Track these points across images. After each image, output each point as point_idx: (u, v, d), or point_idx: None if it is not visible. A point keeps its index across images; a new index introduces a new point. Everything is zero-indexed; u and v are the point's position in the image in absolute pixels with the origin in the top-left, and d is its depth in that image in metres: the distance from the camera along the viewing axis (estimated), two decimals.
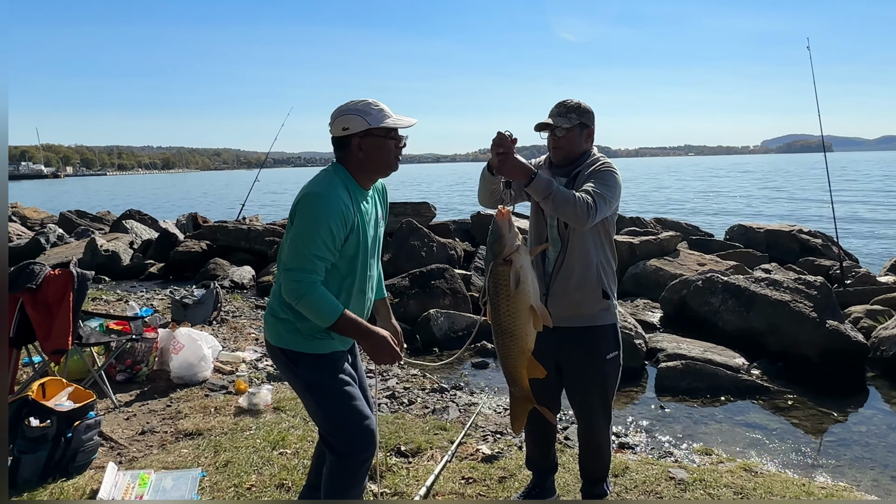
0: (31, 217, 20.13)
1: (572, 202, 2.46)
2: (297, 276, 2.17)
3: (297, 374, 2.35)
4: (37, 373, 4.45)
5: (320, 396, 2.34)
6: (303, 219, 2.19)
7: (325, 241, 2.16)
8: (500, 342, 2.35)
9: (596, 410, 2.80)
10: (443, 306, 7.22)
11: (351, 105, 2.28)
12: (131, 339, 4.79)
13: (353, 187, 2.29)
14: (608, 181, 2.62)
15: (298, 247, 2.17)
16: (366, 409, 2.39)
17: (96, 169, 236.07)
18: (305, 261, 2.16)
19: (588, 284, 2.69)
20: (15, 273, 4.23)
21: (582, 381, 2.78)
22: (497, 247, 2.27)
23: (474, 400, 5.03)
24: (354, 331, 2.26)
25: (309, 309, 2.18)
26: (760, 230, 11.37)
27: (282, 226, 12.40)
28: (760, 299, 6.32)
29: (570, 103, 2.74)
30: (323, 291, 2.19)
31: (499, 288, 2.28)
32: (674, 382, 5.43)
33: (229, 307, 7.88)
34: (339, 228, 2.18)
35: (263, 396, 4.42)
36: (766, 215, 22.88)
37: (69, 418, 3.34)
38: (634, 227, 11.58)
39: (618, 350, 2.79)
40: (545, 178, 2.46)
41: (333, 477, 2.38)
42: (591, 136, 2.79)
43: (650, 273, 8.58)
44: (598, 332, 2.74)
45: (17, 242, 13.89)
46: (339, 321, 2.19)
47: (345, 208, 2.20)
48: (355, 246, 2.28)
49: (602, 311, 2.74)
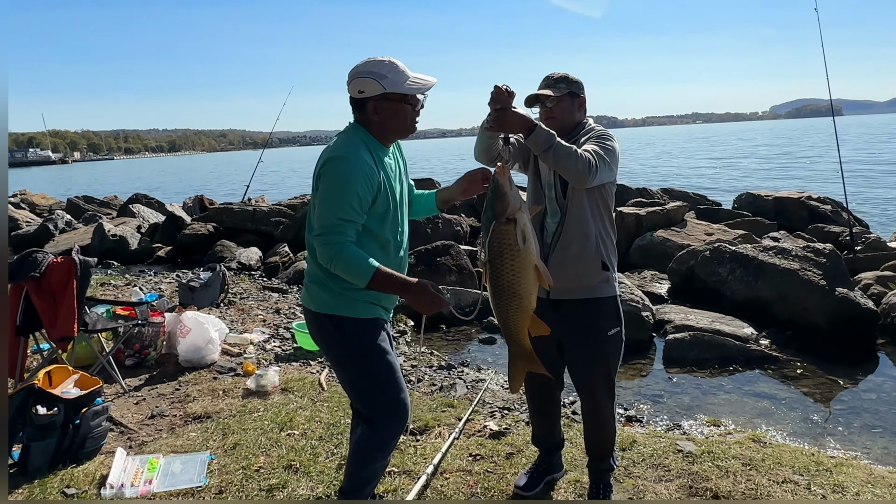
0: (40, 203, 20.23)
1: (574, 156, 2.40)
2: (328, 238, 2.16)
3: (341, 341, 2.32)
4: (45, 360, 4.48)
5: (364, 364, 2.33)
6: (328, 183, 2.18)
7: (353, 203, 2.15)
8: (503, 303, 2.27)
9: (599, 387, 2.77)
10: (449, 283, 7.21)
11: (368, 66, 2.23)
12: (137, 325, 4.81)
13: (374, 146, 2.28)
14: (608, 146, 2.57)
15: (326, 211, 2.17)
16: (403, 383, 2.40)
17: (103, 153, 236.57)
18: (334, 224, 2.15)
19: (587, 255, 2.65)
20: (18, 262, 4.23)
21: (584, 358, 2.76)
22: (500, 205, 2.19)
23: (482, 376, 5.04)
24: (392, 285, 2.22)
25: (343, 269, 2.17)
26: (769, 198, 11.24)
27: (288, 206, 12.38)
28: (769, 268, 6.26)
29: (557, 74, 2.70)
30: (355, 250, 2.17)
31: (503, 247, 2.21)
32: (681, 354, 5.41)
33: (237, 289, 7.90)
34: (365, 190, 2.17)
35: (271, 378, 4.44)
36: (775, 182, 22.64)
37: (76, 405, 3.35)
38: (641, 198, 11.47)
39: (619, 326, 2.75)
40: (546, 131, 2.39)
41: (363, 447, 2.39)
42: (582, 106, 2.74)
43: (657, 244, 8.52)
44: (599, 305, 2.70)
45: (26, 229, 13.98)
46: (374, 277, 2.16)
47: (369, 169, 2.18)
48: (385, 203, 2.26)
49: (602, 282, 2.70)
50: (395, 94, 2.24)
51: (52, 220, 13.91)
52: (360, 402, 2.41)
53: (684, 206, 9.74)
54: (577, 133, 2.69)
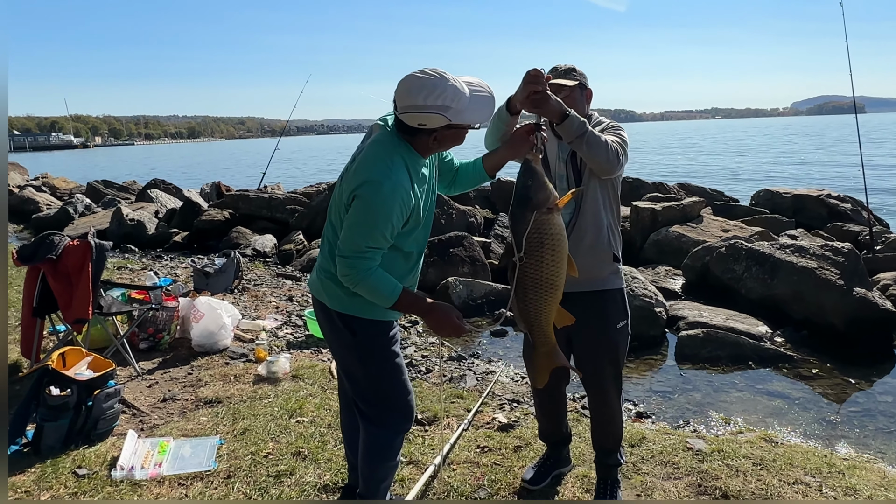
0: (60, 187, 20.50)
1: (605, 145, 2.39)
2: (354, 263, 2.09)
3: (354, 340, 2.29)
4: (60, 342, 4.54)
5: (374, 365, 2.32)
6: (363, 208, 2.06)
7: (385, 233, 2.08)
8: (538, 297, 2.19)
9: (608, 381, 2.76)
10: (462, 274, 7.20)
11: (429, 100, 2.02)
12: (152, 308, 4.85)
13: (413, 160, 2.17)
14: (624, 137, 2.56)
15: (357, 237, 2.07)
16: (409, 385, 2.40)
17: (124, 139, 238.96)
18: (362, 251, 2.08)
19: (600, 246, 2.64)
20: (36, 244, 4.29)
21: (593, 351, 2.74)
22: (542, 193, 2.13)
23: (492, 368, 5.03)
24: (416, 307, 2.20)
25: (367, 292, 2.13)
26: (787, 195, 11.08)
27: (304, 194, 12.41)
28: (785, 266, 6.18)
29: (564, 66, 2.67)
30: (380, 274, 2.11)
31: (544, 238, 2.13)
32: (694, 351, 5.36)
33: (251, 275, 7.95)
34: (399, 218, 2.10)
35: (282, 364, 4.46)
36: (794, 179, 22.33)
37: (89, 387, 3.40)
38: (657, 193, 11.37)
39: (626, 319, 2.75)
40: (579, 118, 2.35)
41: (370, 450, 2.39)
42: (590, 98, 2.71)
43: (672, 239, 8.44)
44: (609, 298, 2.70)
45: (46, 212, 14.17)
46: (399, 300, 2.14)
47: (406, 196, 2.09)
48: (416, 221, 2.20)
49: (612, 274, 2.70)
50: (462, 125, 2.14)
51: (72, 203, 14.08)
52: (363, 402, 2.39)
53: (701, 202, 9.63)
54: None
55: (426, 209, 2.25)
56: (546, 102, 2.25)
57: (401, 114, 2.10)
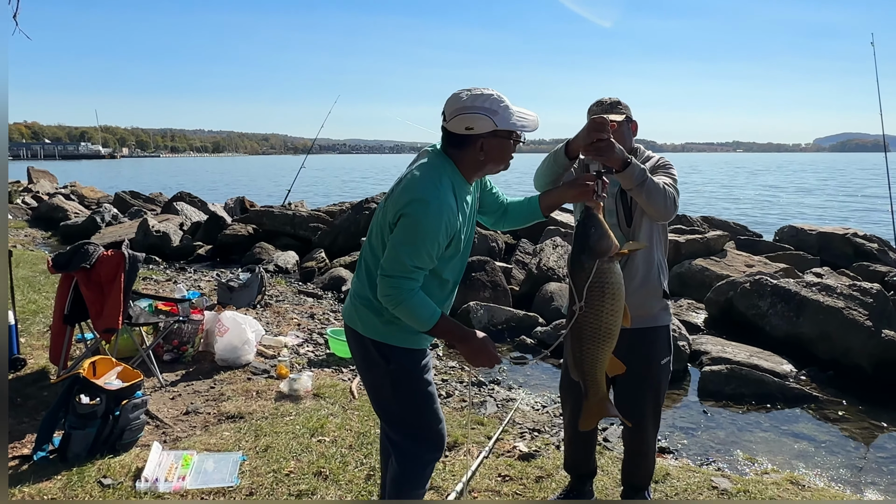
0: (89, 196, 20.90)
1: (663, 192, 2.41)
2: (397, 283, 2.08)
3: (388, 369, 2.26)
4: (88, 350, 4.60)
5: (406, 392, 2.29)
6: (410, 226, 2.07)
7: (430, 252, 2.08)
8: (596, 346, 2.19)
9: (647, 416, 2.74)
10: (483, 299, 7.19)
11: (477, 100, 2.10)
12: (178, 321, 4.91)
13: (459, 184, 2.18)
14: (675, 176, 2.58)
15: (403, 256, 2.07)
16: (441, 413, 2.36)
17: (150, 151, 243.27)
18: (407, 271, 2.08)
19: (651, 283, 2.64)
20: (71, 252, 4.37)
21: (636, 385, 2.71)
22: (606, 242, 2.13)
23: (512, 395, 5.00)
24: (452, 334, 2.19)
25: (406, 314, 2.11)
26: (812, 232, 10.96)
27: (327, 212, 12.52)
28: (811, 305, 6.10)
29: (611, 99, 2.68)
30: (421, 297, 2.11)
31: (605, 287, 2.14)
32: (718, 387, 5.30)
33: (273, 291, 8.01)
34: (444, 238, 2.10)
35: (304, 382, 4.48)
36: (819, 217, 22.09)
37: (118, 397, 3.44)
38: (680, 225, 11.31)
39: (670, 355, 2.75)
40: (639, 165, 2.38)
41: (399, 478, 2.36)
42: (636, 131, 2.74)
43: (696, 273, 8.37)
44: (657, 334, 2.69)
45: (74, 220, 14.43)
46: (437, 325, 2.12)
47: (452, 217, 2.10)
48: (456, 248, 2.20)
49: (662, 310, 2.70)
50: (505, 130, 2.14)
51: (100, 212, 14.32)
52: (395, 431, 2.36)
53: (725, 236, 9.56)
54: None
55: (466, 238, 2.25)
56: (611, 150, 2.27)
57: (449, 121, 2.14)
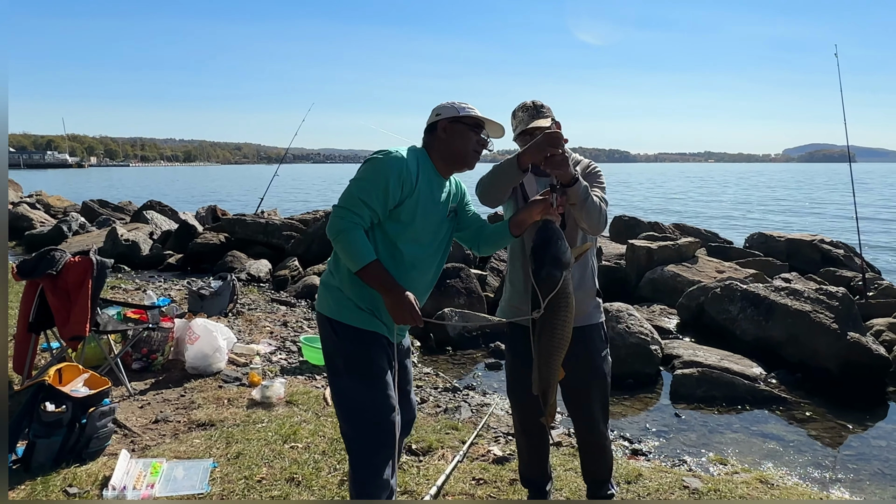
0: (55, 205, 20.44)
1: (599, 209, 2.51)
2: (343, 213, 2.23)
3: (337, 344, 2.35)
4: (54, 358, 4.50)
5: (354, 372, 2.32)
6: (366, 167, 2.30)
7: (378, 191, 2.23)
8: (557, 357, 2.24)
9: (597, 411, 2.79)
10: (457, 305, 7.20)
11: (453, 102, 2.43)
12: (147, 328, 4.82)
13: (427, 165, 2.37)
14: (604, 184, 2.69)
15: (352, 189, 2.27)
16: (393, 402, 2.34)
17: (120, 160, 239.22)
18: (354, 202, 2.23)
19: (586, 284, 2.73)
20: (36, 259, 4.28)
21: (582, 382, 2.75)
22: (568, 255, 2.20)
23: (487, 400, 5.01)
24: (380, 282, 2.23)
25: (344, 246, 2.21)
26: (781, 239, 11.20)
27: (300, 220, 12.44)
28: (780, 309, 6.22)
29: (536, 103, 2.69)
30: (362, 235, 2.23)
31: (568, 298, 2.22)
32: (689, 390, 5.36)
33: (245, 300, 7.92)
34: (395, 186, 2.24)
35: (276, 389, 4.43)
36: (787, 224, 22.58)
37: (84, 404, 3.36)
38: (653, 232, 11.46)
39: (607, 347, 2.82)
40: (584, 182, 2.43)
41: (355, 483, 2.35)
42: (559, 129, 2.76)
43: (668, 279, 8.49)
44: (593, 331, 2.76)
45: (40, 229, 14.11)
46: (368, 266, 2.20)
47: (407, 173, 2.27)
48: (411, 212, 2.30)
49: (594, 308, 2.79)
50: (468, 117, 2.39)
51: (67, 221, 14.04)
52: (345, 417, 2.37)
53: (696, 243, 9.72)
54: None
55: (428, 217, 2.35)
56: (566, 165, 2.31)
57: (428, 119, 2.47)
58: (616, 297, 7.30)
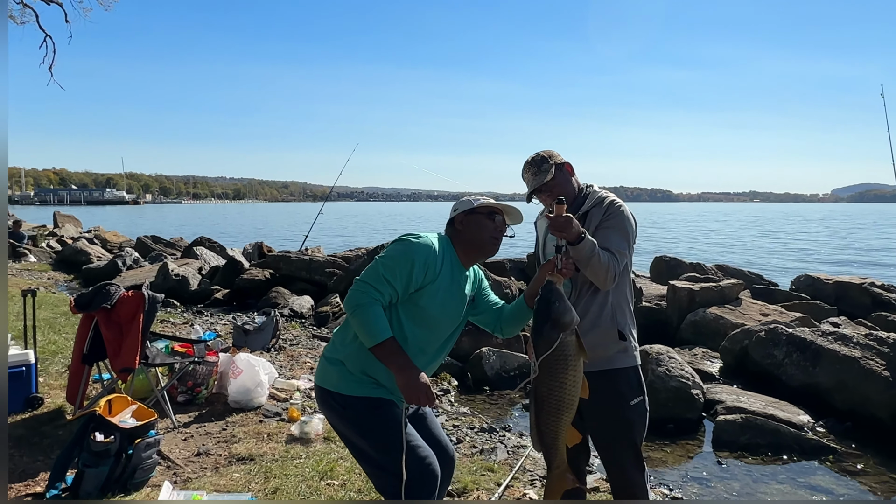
0: (111, 240, 21.36)
1: (605, 267, 2.52)
2: (364, 287, 2.27)
3: (346, 416, 2.36)
4: (105, 389, 4.68)
5: (371, 435, 2.33)
6: (394, 247, 2.38)
7: (402, 273, 2.29)
8: (557, 418, 2.23)
9: (627, 461, 2.68)
10: (495, 345, 7.19)
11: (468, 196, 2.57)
12: (194, 362, 4.98)
13: (451, 255, 2.46)
14: (625, 228, 2.65)
15: (378, 266, 2.32)
16: (423, 451, 2.36)
17: (173, 197, 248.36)
18: (377, 279, 2.28)
19: (602, 325, 2.64)
20: (92, 293, 4.50)
21: (607, 430, 2.69)
22: (569, 316, 2.20)
23: (523, 442, 4.97)
24: (394, 360, 2.24)
25: (362, 320, 2.23)
26: (829, 282, 10.86)
27: (343, 258, 12.67)
28: (828, 354, 6.04)
29: (535, 159, 2.75)
30: (380, 311, 2.25)
31: (568, 359, 2.20)
32: (732, 437, 5.22)
33: (287, 335, 8.08)
34: (419, 270, 2.31)
35: (315, 426, 4.50)
36: (836, 266, 21.87)
37: (131, 435, 3.49)
38: (695, 273, 11.28)
39: (642, 395, 2.70)
40: (591, 240, 2.47)
41: None
42: (572, 172, 2.79)
43: (710, 321, 8.33)
44: (618, 376, 2.65)
45: (96, 264, 14.71)
46: (384, 343, 2.22)
47: (432, 258, 2.34)
48: (429, 298, 2.35)
49: (619, 353, 2.66)
50: (482, 206, 2.50)
51: (122, 256, 14.60)
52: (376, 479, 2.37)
53: (739, 284, 9.52)
54: (583, 201, 2.74)
55: (446, 305, 2.40)
56: (568, 227, 2.40)
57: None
58: (656, 340, 7.19)
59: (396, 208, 37.57)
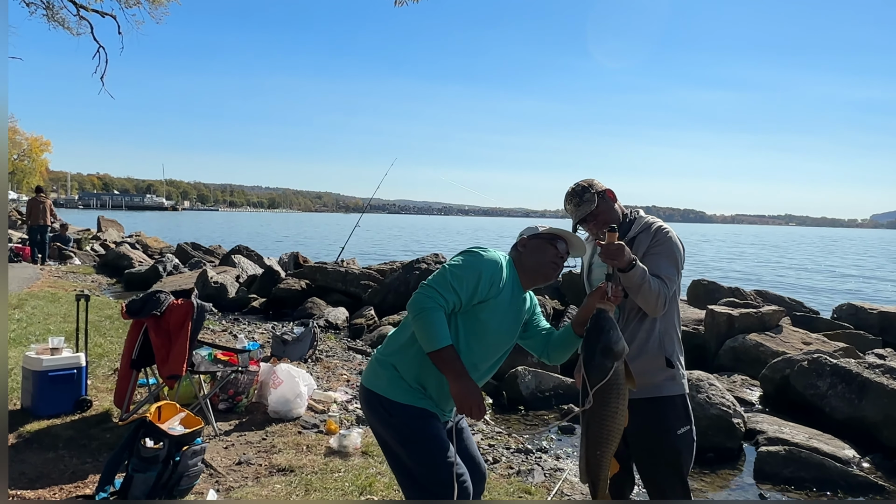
0: (152, 246, 21.88)
1: (656, 294, 2.52)
2: (430, 292, 2.30)
3: (391, 422, 2.38)
4: (151, 394, 4.79)
5: (414, 446, 2.35)
6: (464, 256, 2.44)
7: (469, 282, 2.33)
8: (605, 449, 2.22)
9: (673, 491, 2.66)
10: (531, 364, 7.16)
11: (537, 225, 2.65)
12: (237, 371, 5.07)
13: (513, 276, 2.50)
14: (673, 254, 2.64)
15: (445, 272, 2.36)
16: (460, 468, 2.38)
17: (210, 204, 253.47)
18: (444, 285, 2.31)
19: (649, 352, 2.62)
20: (143, 300, 4.62)
21: (653, 458, 2.66)
22: (620, 346, 2.21)
23: (560, 465, 4.93)
24: (452, 368, 2.27)
25: (424, 324, 2.26)
26: (873, 311, 10.55)
27: (378, 270, 12.78)
28: (875, 387, 5.87)
29: (576, 189, 2.75)
30: (443, 318, 2.28)
31: (621, 389, 2.21)
32: (775, 469, 5.10)
33: (323, 346, 8.16)
34: (486, 283, 2.35)
35: (353, 439, 4.53)
36: (879, 295, 21.23)
37: (179, 442, 3.56)
38: (734, 298, 11.07)
39: (690, 424, 2.68)
40: (642, 266, 2.48)
41: None
42: (615, 198, 2.78)
43: (750, 348, 8.17)
44: (666, 404, 2.64)
45: (138, 269, 15.09)
46: (443, 350, 2.24)
47: (499, 274, 2.39)
48: (490, 312, 2.38)
49: (667, 380, 2.64)
50: (545, 233, 2.57)
51: (163, 262, 14.94)
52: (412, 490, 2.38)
53: (780, 311, 9.32)
54: (630, 227, 2.74)
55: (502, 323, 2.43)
56: (620, 254, 2.40)
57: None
58: (693, 365, 7.08)
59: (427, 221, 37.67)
